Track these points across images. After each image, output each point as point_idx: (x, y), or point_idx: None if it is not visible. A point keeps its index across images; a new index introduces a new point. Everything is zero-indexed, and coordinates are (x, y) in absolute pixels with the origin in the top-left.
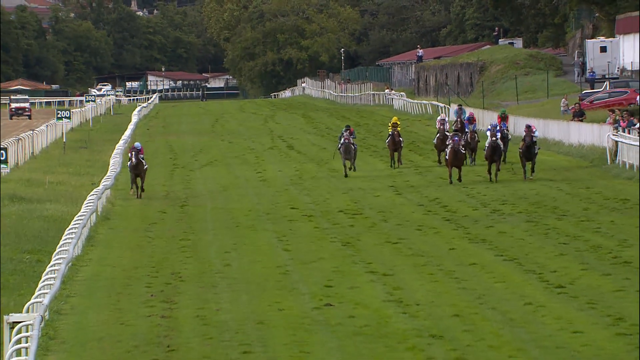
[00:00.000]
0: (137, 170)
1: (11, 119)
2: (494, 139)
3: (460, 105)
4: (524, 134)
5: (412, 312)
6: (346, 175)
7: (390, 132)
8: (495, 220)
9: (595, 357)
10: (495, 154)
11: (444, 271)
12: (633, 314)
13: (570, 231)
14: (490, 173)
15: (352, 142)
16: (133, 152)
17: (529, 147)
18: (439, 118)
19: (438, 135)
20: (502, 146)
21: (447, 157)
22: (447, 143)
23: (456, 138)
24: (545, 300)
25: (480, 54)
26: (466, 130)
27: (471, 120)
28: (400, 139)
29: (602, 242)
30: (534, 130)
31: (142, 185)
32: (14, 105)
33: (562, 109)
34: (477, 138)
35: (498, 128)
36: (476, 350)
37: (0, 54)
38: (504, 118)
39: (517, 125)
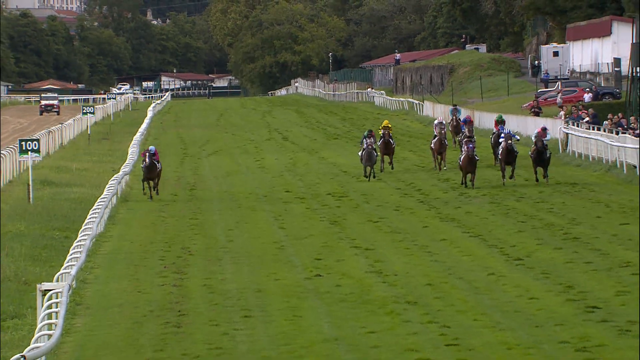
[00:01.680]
0: (151, 174)
1: (41, 114)
2: (509, 142)
3: (456, 105)
4: (536, 137)
5: (390, 281)
6: (368, 180)
7: (381, 135)
8: (462, 202)
9: (548, 319)
10: (509, 157)
11: (418, 246)
12: (581, 282)
13: (527, 211)
14: (504, 176)
15: (374, 147)
16: (147, 154)
17: (540, 152)
18: (436, 122)
19: (437, 138)
20: (516, 150)
21: (460, 162)
22: (462, 149)
23: (471, 145)
24: (505, 271)
25: (449, 57)
26: (462, 130)
27: (468, 122)
28: (391, 140)
29: (555, 221)
30: (548, 134)
31: (157, 186)
32: (43, 102)
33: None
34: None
35: (512, 133)
36: (446, 315)
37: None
38: (500, 122)
39: (481, 120)
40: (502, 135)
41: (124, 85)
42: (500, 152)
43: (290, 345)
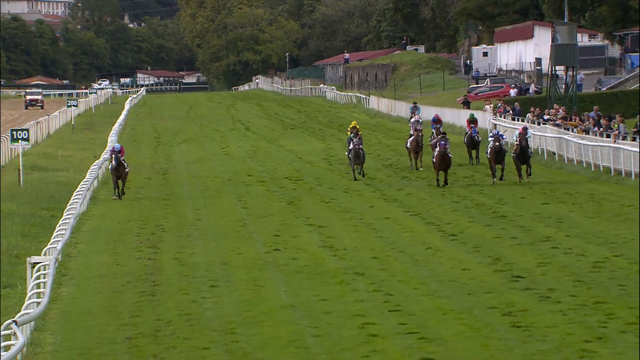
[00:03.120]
0: (118, 173)
1: (26, 109)
2: (497, 143)
3: (415, 102)
4: (519, 136)
5: (340, 255)
6: (355, 179)
7: (349, 136)
8: (404, 185)
9: (478, 288)
10: (498, 157)
11: (365, 223)
12: (507, 255)
13: (460, 193)
14: (494, 176)
15: (361, 147)
16: (113, 155)
17: (524, 150)
18: (412, 120)
19: (412, 138)
20: (504, 149)
21: (434, 160)
22: (434, 147)
23: (443, 142)
24: (441, 245)
25: (392, 57)
26: (432, 129)
27: (437, 121)
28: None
29: (485, 201)
30: (529, 132)
31: (124, 188)
32: (28, 97)
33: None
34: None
35: (500, 133)
36: (389, 284)
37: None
38: (472, 121)
39: (421, 112)
40: (491, 135)
41: (104, 81)
42: (489, 151)
43: (252, 312)
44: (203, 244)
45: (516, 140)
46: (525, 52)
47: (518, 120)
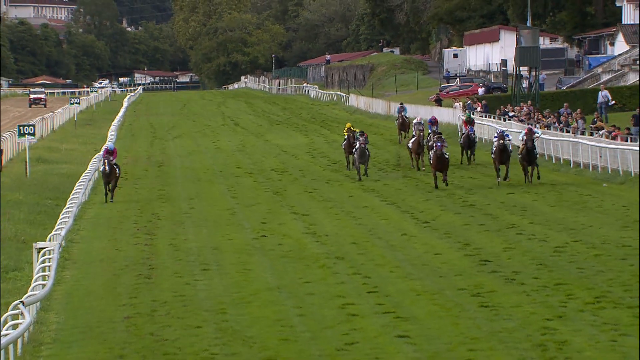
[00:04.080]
0: (109, 178)
1: (30, 107)
2: (501, 142)
3: (402, 103)
4: (524, 137)
5: (322, 240)
6: (360, 179)
7: (345, 137)
8: (381, 176)
9: (449, 271)
10: (503, 156)
11: (345, 212)
12: (476, 240)
13: (432, 183)
14: (499, 176)
15: (367, 147)
16: (106, 160)
17: (530, 151)
18: (415, 121)
19: (414, 139)
20: (510, 149)
21: (430, 161)
22: (430, 149)
23: (439, 144)
24: (415, 231)
25: (370, 58)
26: (429, 131)
27: (433, 122)
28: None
29: (455, 191)
30: (536, 132)
31: (113, 192)
32: (32, 96)
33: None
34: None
35: (505, 133)
36: (367, 267)
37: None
38: (470, 122)
39: (395, 109)
40: (496, 135)
41: (104, 80)
42: (493, 151)
43: (240, 293)
44: (195, 231)
45: (522, 141)
46: (492, 54)
47: (486, 117)
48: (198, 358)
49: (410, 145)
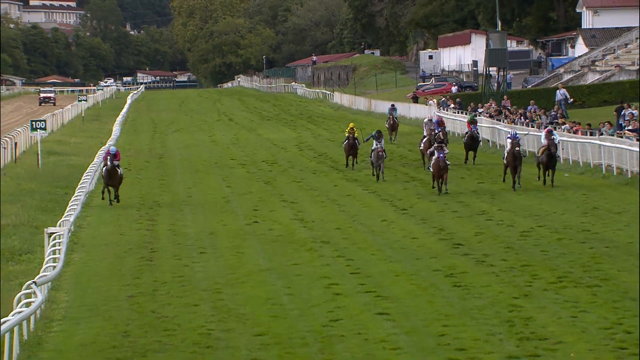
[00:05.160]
0: (112, 180)
1: (40, 105)
2: (517, 149)
3: (393, 104)
4: (544, 139)
5: (309, 226)
6: (378, 179)
7: (347, 137)
8: (363, 167)
9: (425, 253)
10: (515, 161)
11: (330, 200)
12: (449, 225)
13: (410, 174)
14: (505, 179)
15: (383, 149)
16: (108, 158)
17: (552, 156)
18: (425, 120)
19: (426, 138)
20: (522, 154)
21: (431, 168)
22: (431, 155)
23: (442, 155)
24: (394, 218)
25: (352, 59)
26: (437, 131)
27: (440, 123)
28: (357, 142)
29: (430, 180)
30: (555, 136)
31: (117, 192)
32: (42, 95)
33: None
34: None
35: (517, 136)
36: (350, 251)
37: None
38: (473, 122)
39: (376, 106)
40: (509, 136)
41: (109, 79)
42: (505, 156)
43: (234, 274)
44: (193, 217)
45: (543, 146)
46: (464, 56)
47: (459, 113)
48: (195, 334)
49: (422, 146)
